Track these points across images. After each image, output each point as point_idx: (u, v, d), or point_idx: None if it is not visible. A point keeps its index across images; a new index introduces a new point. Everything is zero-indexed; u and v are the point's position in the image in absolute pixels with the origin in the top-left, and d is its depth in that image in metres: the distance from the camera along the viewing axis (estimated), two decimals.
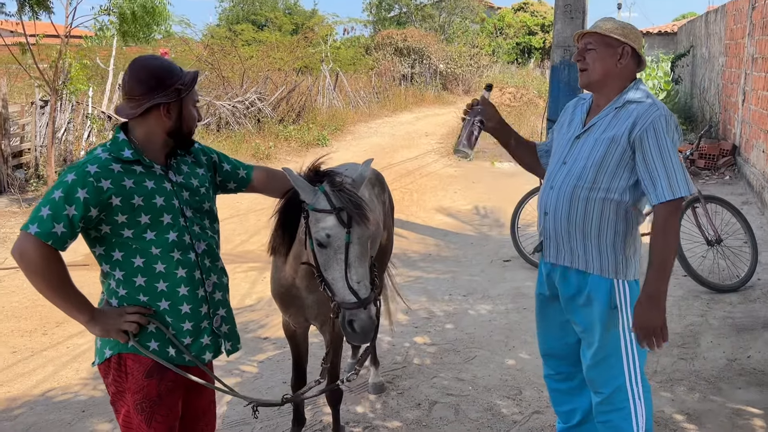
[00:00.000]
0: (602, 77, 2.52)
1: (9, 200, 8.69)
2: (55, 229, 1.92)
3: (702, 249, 5.64)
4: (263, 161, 11.76)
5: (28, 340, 4.72)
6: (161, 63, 2.11)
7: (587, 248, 2.54)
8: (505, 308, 5.19)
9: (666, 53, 18.58)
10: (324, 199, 2.29)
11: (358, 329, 2.26)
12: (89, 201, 1.94)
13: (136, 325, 2.06)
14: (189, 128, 2.15)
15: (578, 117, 2.67)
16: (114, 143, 2.07)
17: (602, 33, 2.49)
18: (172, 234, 2.09)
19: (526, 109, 17.43)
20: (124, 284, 2.08)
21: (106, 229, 2.02)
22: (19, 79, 15.18)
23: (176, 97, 2.07)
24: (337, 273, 2.27)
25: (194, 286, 2.14)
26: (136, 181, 2.04)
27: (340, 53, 23.28)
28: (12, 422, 3.62)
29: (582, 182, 2.51)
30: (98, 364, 2.15)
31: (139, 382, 2.09)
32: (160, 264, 2.08)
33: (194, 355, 2.16)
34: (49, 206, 1.93)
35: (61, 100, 9.65)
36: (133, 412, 2.11)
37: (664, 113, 2.43)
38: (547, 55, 31.52)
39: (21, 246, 1.93)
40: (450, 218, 8.30)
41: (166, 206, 2.09)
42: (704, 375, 3.98)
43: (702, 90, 13.56)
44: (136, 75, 2.07)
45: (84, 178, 1.95)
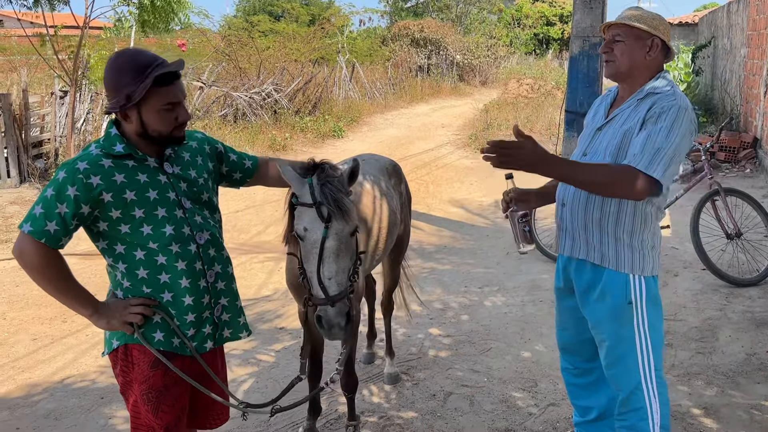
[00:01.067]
0: (629, 69, 2.47)
1: (29, 189, 8.80)
2: (47, 227, 1.93)
3: (721, 242, 5.57)
4: (279, 152, 11.79)
5: (48, 327, 4.79)
6: (121, 63, 2.00)
7: (604, 241, 2.50)
8: (521, 300, 5.17)
9: (686, 44, 18.32)
10: (307, 192, 2.28)
11: (324, 326, 2.28)
12: (79, 198, 1.94)
13: (141, 317, 2.07)
14: (157, 132, 2.03)
15: (602, 109, 2.64)
16: (107, 138, 2.05)
17: (632, 25, 2.43)
18: (169, 227, 2.06)
19: (543, 101, 17.28)
20: (128, 277, 2.09)
21: (103, 225, 2.03)
22: (39, 69, 15.34)
23: (122, 105, 1.97)
24: (312, 267, 2.27)
25: (196, 278, 2.13)
26: (127, 176, 2.01)
27: (357, 44, 23.25)
28: (32, 408, 3.68)
29: None
30: (107, 354, 2.17)
31: (145, 372, 2.10)
32: (161, 257, 2.07)
33: (195, 345, 2.17)
34: (42, 204, 1.94)
35: (80, 90, 9.73)
36: (140, 401, 2.12)
37: (680, 104, 2.35)
38: (565, 46, 31.22)
39: (19, 245, 1.96)
40: (466, 210, 8.28)
41: (160, 199, 2.06)
42: (722, 369, 3.95)
43: (723, 82, 13.36)
44: (104, 75, 2.04)
45: (74, 176, 1.94)
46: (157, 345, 2.10)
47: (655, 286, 2.50)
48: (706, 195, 5.54)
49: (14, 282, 5.69)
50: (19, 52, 18.69)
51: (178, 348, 2.13)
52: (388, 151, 10.89)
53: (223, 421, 2.43)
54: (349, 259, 2.33)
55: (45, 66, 10.97)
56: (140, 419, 2.16)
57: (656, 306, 2.53)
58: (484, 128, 13.93)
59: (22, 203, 8.20)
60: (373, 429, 3.39)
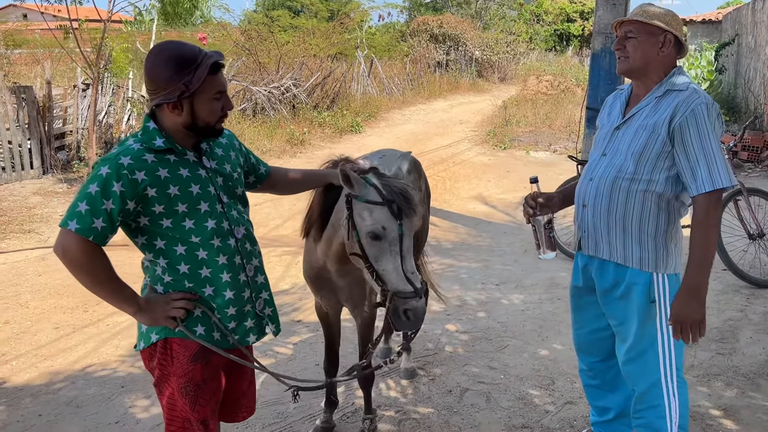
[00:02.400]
0: (643, 66, 2.46)
1: (52, 180, 8.92)
2: (95, 224, 1.89)
3: (743, 243, 5.51)
4: (297, 147, 11.83)
5: (69, 316, 4.86)
6: (172, 55, 1.97)
7: (627, 241, 2.49)
8: (539, 298, 5.15)
9: (710, 42, 18.07)
10: (374, 192, 2.31)
11: (413, 317, 2.29)
12: (125, 194, 1.91)
13: (184, 311, 2.06)
14: (205, 123, 2.04)
15: (617, 108, 2.61)
16: (145, 132, 2.02)
17: (644, 21, 2.42)
18: (211, 222, 2.07)
19: (563, 98, 17.15)
20: (169, 271, 2.07)
21: (144, 220, 2.00)
22: (62, 62, 15.52)
23: (178, 96, 1.95)
24: (391, 264, 2.30)
25: (236, 272, 2.13)
26: (170, 171, 2.00)
27: (375, 39, 23.22)
28: (54, 395, 3.74)
29: (622, 174, 2.45)
30: (145, 348, 2.15)
31: (185, 366, 2.10)
32: (202, 251, 2.06)
33: (237, 338, 2.18)
34: (86, 201, 1.89)
35: (102, 83, 9.83)
36: (177, 395, 2.12)
37: (706, 100, 2.35)
38: (585, 42, 30.93)
39: (63, 243, 1.90)
40: (483, 207, 8.26)
41: (203, 194, 2.06)
42: (742, 371, 3.90)
43: (747, 80, 13.17)
44: (147, 70, 2.01)
45: (118, 171, 1.91)
46: (198, 338, 2.10)
47: (677, 283, 2.49)
48: (728, 194, 5.48)
49: (37, 271, 5.78)
50: (43, 45, 18.92)
51: (219, 342, 2.14)
52: (405, 147, 10.89)
53: (250, 414, 2.45)
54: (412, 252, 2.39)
55: (68, 59, 11.11)
56: (176, 412, 2.15)
57: None
58: (502, 125, 13.87)
59: (44, 194, 8.32)
60: (389, 423, 3.40)
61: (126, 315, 4.96)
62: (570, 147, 11.61)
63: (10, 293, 5.30)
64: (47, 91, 9.17)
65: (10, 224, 7.08)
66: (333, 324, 3.22)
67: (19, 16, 24.57)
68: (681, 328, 2.38)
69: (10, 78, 12.77)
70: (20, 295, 5.27)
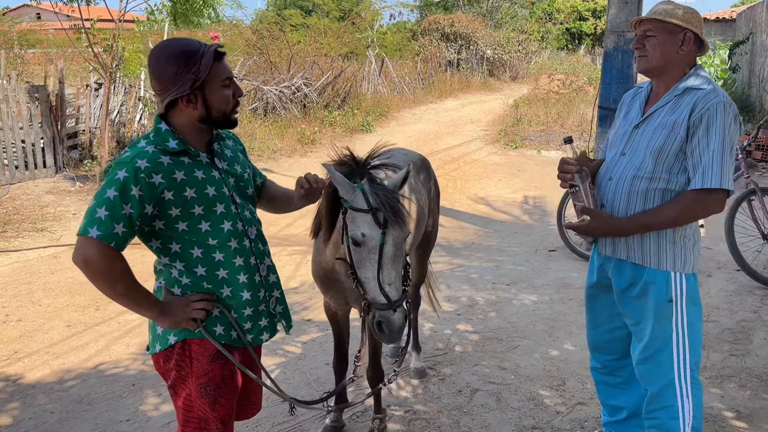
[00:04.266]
0: (663, 64, 2.43)
1: (65, 179, 8.98)
2: (116, 230, 1.85)
3: (757, 243, 5.45)
4: (308, 146, 11.85)
5: (81, 314, 4.89)
6: (175, 51, 1.97)
7: (645, 241, 2.47)
8: (550, 298, 5.12)
9: (723, 41, 17.91)
10: (362, 198, 2.28)
11: (386, 330, 2.27)
12: (144, 198, 1.89)
13: (204, 312, 2.06)
14: (220, 111, 2.03)
15: (636, 106, 2.59)
16: (157, 134, 2.00)
17: (662, 19, 2.40)
18: (227, 223, 2.06)
19: (575, 97, 17.07)
20: (186, 274, 2.06)
21: (160, 224, 1.98)
22: (75, 62, 15.64)
23: (190, 87, 1.95)
24: (370, 273, 2.27)
25: (252, 273, 2.14)
26: (186, 173, 1.98)
27: (387, 39, 23.21)
28: (65, 393, 3.76)
29: (641, 173, 2.44)
30: (161, 351, 2.12)
31: (204, 366, 2.09)
32: (219, 253, 2.06)
33: (252, 338, 2.18)
34: (106, 206, 1.85)
35: (114, 83, 9.90)
36: (195, 395, 2.11)
37: (724, 100, 2.33)
38: (598, 41, 30.77)
39: (84, 252, 1.85)
40: (494, 206, 8.23)
41: (218, 195, 2.04)
42: (756, 372, 3.86)
43: (761, 79, 13.04)
44: (152, 71, 1.99)
45: (136, 174, 1.87)
46: (218, 338, 2.09)
47: (695, 284, 2.47)
48: (742, 194, 5.42)
49: (49, 270, 5.82)
50: (56, 45, 19.09)
51: (236, 341, 2.15)
52: (416, 146, 10.88)
53: (257, 411, 2.46)
54: (401, 263, 2.34)
55: (80, 58, 11.18)
56: (193, 413, 2.13)
57: (696, 305, 2.49)
58: (513, 124, 13.82)
59: (57, 193, 8.38)
60: (399, 422, 3.39)
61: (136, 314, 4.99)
62: (582, 146, 11.55)
63: (23, 291, 5.34)
64: (60, 91, 9.24)
65: (24, 222, 7.14)
66: (342, 324, 3.22)
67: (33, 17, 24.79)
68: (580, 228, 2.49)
69: (23, 77, 12.89)
70: (33, 293, 5.31)
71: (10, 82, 8.95)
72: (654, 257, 2.46)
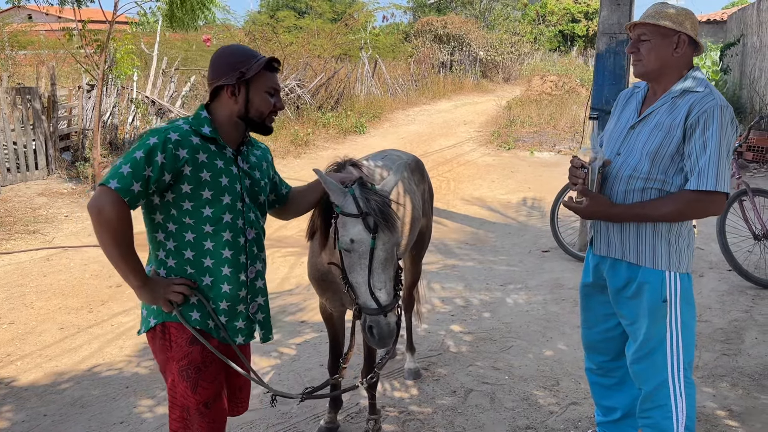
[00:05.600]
0: (658, 68, 2.44)
1: (57, 181, 8.94)
2: (133, 187, 1.98)
3: (748, 243, 5.49)
4: (301, 147, 11.84)
5: (74, 317, 4.87)
6: (235, 50, 2.20)
7: (641, 241, 2.48)
8: (543, 299, 5.14)
9: (715, 42, 18.03)
10: (352, 203, 2.29)
11: (376, 335, 2.28)
12: (165, 166, 2.01)
13: (182, 296, 2.13)
14: (258, 113, 2.19)
15: (633, 106, 2.60)
16: (196, 118, 2.16)
17: (656, 23, 2.40)
18: (228, 215, 2.16)
19: (567, 98, 17.14)
20: (174, 255, 2.15)
21: (169, 196, 2.09)
22: (66, 63, 15.58)
23: (237, 79, 2.12)
24: (360, 278, 2.28)
25: (237, 269, 2.20)
26: (209, 157, 2.12)
27: (380, 40, 23.22)
28: (59, 395, 3.74)
29: (637, 173, 2.44)
30: (145, 332, 2.23)
31: (184, 349, 2.16)
32: (209, 242, 2.15)
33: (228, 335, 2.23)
34: (130, 164, 1.98)
35: (107, 84, 9.86)
36: (178, 379, 2.18)
37: (720, 103, 2.34)
38: (590, 43, 30.88)
39: (99, 200, 1.97)
40: (487, 207, 8.25)
41: (229, 188, 2.16)
42: (748, 371, 3.89)
43: (752, 80, 13.13)
44: (212, 62, 2.19)
45: (165, 144, 2.02)
46: (193, 323, 2.17)
47: (689, 284, 2.48)
48: (733, 195, 5.46)
49: (42, 272, 5.79)
50: (47, 47, 18.99)
51: (212, 330, 2.21)
52: (409, 148, 10.89)
53: (245, 409, 2.49)
54: (392, 267, 2.35)
55: (72, 60, 11.14)
56: (176, 399, 2.20)
57: (690, 305, 2.50)
58: (506, 125, 13.86)
59: (49, 195, 8.35)
60: (393, 423, 3.40)
61: (130, 315, 4.97)
62: (574, 147, 11.59)
63: (15, 294, 5.31)
64: (52, 92, 9.20)
65: (16, 225, 7.10)
66: (337, 325, 3.22)
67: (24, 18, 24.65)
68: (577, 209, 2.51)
69: (14, 79, 12.82)
70: (25, 295, 5.29)
71: (1, 84, 8.90)
72: (649, 257, 2.47)
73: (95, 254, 6.22)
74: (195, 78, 12.48)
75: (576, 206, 2.52)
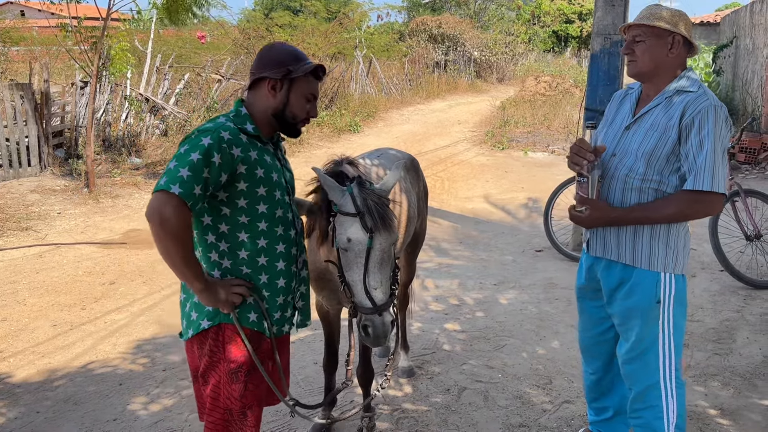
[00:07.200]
0: (652, 68, 2.45)
1: (50, 178, 8.90)
2: (195, 191, 1.92)
3: (740, 244, 5.53)
4: (295, 146, 11.83)
5: (67, 314, 4.86)
6: (287, 48, 2.21)
7: (637, 242, 2.48)
8: (537, 298, 5.16)
9: (708, 44, 18.11)
10: (350, 202, 2.29)
11: (371, 334, 2.29)
12: (222, 167, 1.99)
13: (241, 297, 2.12)
14: (293, 114, 2.18)
15: (627, 107, 2.60)
16: (237, 116, 2.15)
17: (651, 24, 2.41)
18: (280, 210, 2.18)
19: (562, 99, 17.18)
20: (228, 256, 2.13)
21: (223, 195, 2.06)
22: (60, 60, 15.49)
23: (282, 75, 2.12)
24: (356, 276, 2.29)
25: (290, 262, 2.24)
26: (258, 154, 2.12)
27: (374, 39, 23.21)
28: (52, 393, 3.73)
29: (633, 174, 2.44)
30: (193, 336, 2.16)
31: (236, 351, 2.14)
32: (263, 239, 2.14)
33: (276, 329, 2.24)
34: (189, 167, 1.91)
35: (100, 81, 9.82)
36: (225, 381, 2.14)
37: (714, 103, 2.35)
38: (584, 44, 30.99)
39: (161, 206, 1.88)
40: (481, 207, 8.27)
41: (278, 182, 2.18)
42: (739, 371, 3.92)
43: (744, 82, 13.21)
44: (259, 54, 2.19)
45: (219, 144, 1.98)
46: (251, 325, 2.16)
47: (684, 285, 2.48)
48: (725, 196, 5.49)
49: (34, 269, 5.77)
50: (41, 43, 18.88)
51: (265, 330, 2.21)
52: (403, 147, 10.90)
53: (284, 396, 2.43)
54: (389, 267, 2.35)
55: (65, 57, 11.08)
56: (219, 401, 2.16)
57: (682, 306, 2.50)
58: (500, 125, 13.88)
59: (42, 191, 8.31)
60: (387, 421, 3.40)
61: (123, 313, 4.95)
62: (568, 148, 11.64)
63: (8, 290, 5.29)
64: (45, 89, 9.16)
65: (8, 221, 7.06)
66: (333, 323, 3.23)
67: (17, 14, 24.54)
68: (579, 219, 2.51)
69: (7, 75, 12.76)
70: (18, 292, 5.26)
71: None
72: (645, 258, 2.47)
73: (88, 251, 6.20)
74: (189, 75, 12.44)
75: (579, 216, 2.52)
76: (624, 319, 2.56)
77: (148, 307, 4.97)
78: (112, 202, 8.07)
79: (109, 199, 8.12)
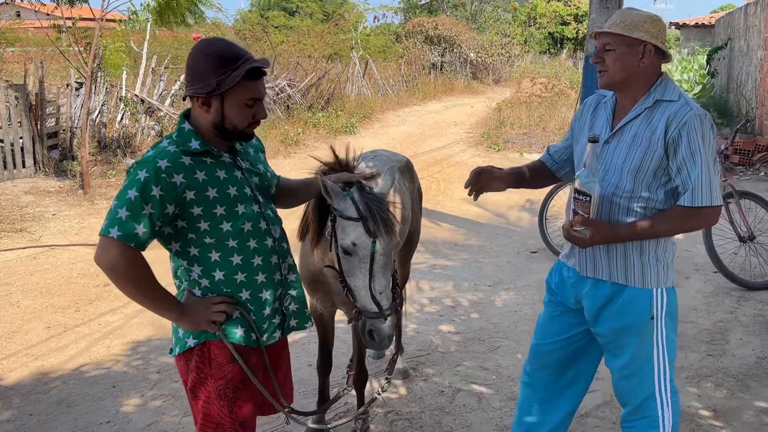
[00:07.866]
0: (624, 78, 2.31)
1: (45, 179, 8.88)
2: (136, 231, 1.84)
3: (734, 245, 5.54)
4: (291, 147, 11.83)
5: (61, 316, 4.84)
6: (214, 51, 1.97)
7: (629, 260, 2.38)
8: (532, 299, 5.17)
9: (702, 46, 18.18)
10: (352, 207, 2.26)
11: (376, 339, 2.27)
12: (165, 198, 1.88)
13: (224, 315, 2.04)
14: (233, 126, 1.99)
15: (603, 118, 2.45)
16: (180, 135, 1.99)
17: (620, 33, 2.27)
18: (247, 224, 2.05)
19: (557, 100, 17.21)
20: (205, 277, 2.05)
21: (182, 223, 1.97)
22: (55, 61, 15.47)
23: (208, 91, 1.93)
24: (360, 282, 2.26)
25: (271, 272, 2.13)
26: (207, 173, 1.97)
27: (370, 41, 23.24)
28: (45, 395, 3.72)
29: (620, 191, 2.33)
30: (180, 353, 2.11)
31: (223, 368, 2.07)
32: (236, 256, 2.04)
33: (266, 337, 2.16)
34: (126, 207, 1.84)
35: (95, 82, 9.80)
36: (214, 398, 2.08)
37: (698, 112, 2.26)
38: (579, 45, 31.08)
39: (106, 252, 1.85)
40: (477, 208, 8.27)
41: (240, 195, 2.04)
42: (732, 372, 3.93)
43: (739, 84, 13.26)
44: (188, 61, 2.00)
45: (157, 175, 1.87)
46: (238, 340, 2.08)
47: (674, 297, 2.42)
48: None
49: (28, 271, 5.75)
50: (36, 44, 18.84)
51: (254, 342, 2.13)
52: (400, 148, 10.90)
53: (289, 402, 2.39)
54: (390, 271, 2.34)
55: (60, 57, 11.06)
56: (211, 417, 2.10)
57: (673, 319, 2.42)
58: (496, 126, 13.90)
59: (36, 193, 8.29)
60: (381, 423, 3.40)
61: (118, 315, 4.95)
62: None
63: (1, 292, 5.27)
64: (40, 90, 9.14)
65: (2, 223, 7.05)
66: (327, 325, 3.23)
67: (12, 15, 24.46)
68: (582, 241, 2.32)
69: (2, 76, 12.73)
70: (11, 294, 5.25)
71: None
72: (638, 276, 2.38)
73: (82, 253, 6.19)
74: (184, 76, 12.43)
75: (579, 237, 2.34)
76: (615, 337, 2.45)
77: (143, 309, 4.92)
78: (107, 203, 8.05)
79: (104, 201, 8.10)
